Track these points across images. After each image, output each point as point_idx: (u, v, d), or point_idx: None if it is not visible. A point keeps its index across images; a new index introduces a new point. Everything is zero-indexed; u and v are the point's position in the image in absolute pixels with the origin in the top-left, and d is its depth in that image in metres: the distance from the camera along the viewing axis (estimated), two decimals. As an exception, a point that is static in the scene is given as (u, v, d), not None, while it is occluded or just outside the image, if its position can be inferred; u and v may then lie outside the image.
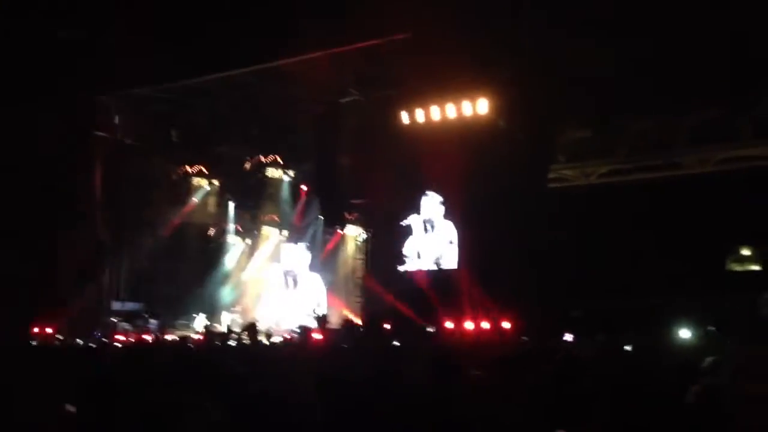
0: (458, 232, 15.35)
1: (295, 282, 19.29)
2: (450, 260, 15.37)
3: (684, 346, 8.68)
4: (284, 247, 19.75)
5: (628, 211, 13.85)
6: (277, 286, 19.47)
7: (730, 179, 13.90)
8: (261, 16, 14.08)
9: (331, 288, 18.84)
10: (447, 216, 15.62)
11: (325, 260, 19.22)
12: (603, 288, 12.79)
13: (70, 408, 3.58)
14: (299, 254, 19.35)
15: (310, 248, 19.33)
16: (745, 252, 13.97)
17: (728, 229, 13.13)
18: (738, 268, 13.88)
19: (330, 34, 13.92)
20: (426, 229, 15.79)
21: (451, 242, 15.45)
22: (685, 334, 9.36)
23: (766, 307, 11.57)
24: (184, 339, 12.92)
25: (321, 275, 19.08)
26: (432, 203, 15.81)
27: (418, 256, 15.78)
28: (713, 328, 9.74)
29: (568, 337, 9.76)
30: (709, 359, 5.27)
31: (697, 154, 14.78)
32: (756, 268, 13.72)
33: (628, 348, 7.41)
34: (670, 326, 9.38)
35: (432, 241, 15.71)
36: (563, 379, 4.29)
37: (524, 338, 10.29)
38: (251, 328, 9.93)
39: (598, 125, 15.45)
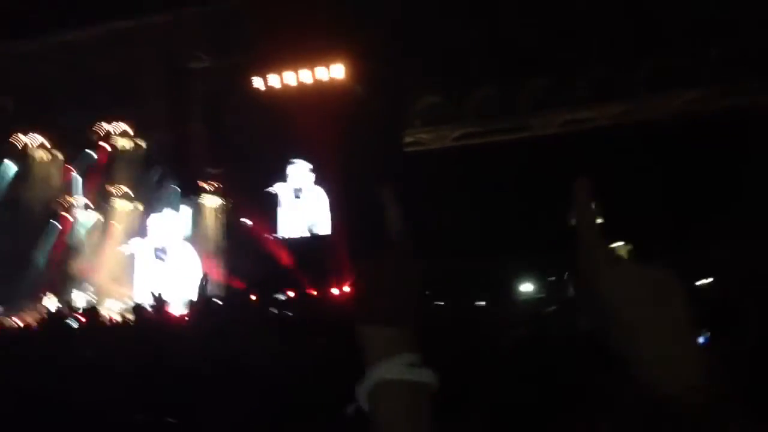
0: (330, 198, 15.24)
1: (165, 255, 18.44)
2: (324, 227, 15.28)
3: (527, 300, 9.13)
4: (152, 220, 18.76)
5: (479, 173, 14.32)
6: (144, 261, 18.55)
7: (574, 139, 14.70)
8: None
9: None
10: (318, 183, 15.49)
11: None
12: (451, 248, 13.20)
13: None
14: (169, 226, 18.47)
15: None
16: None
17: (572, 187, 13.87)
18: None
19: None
20: (297, 197, 15.61)
21: (322, 209, 15.36)
22: (527, 288, 9.83)
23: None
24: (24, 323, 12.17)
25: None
26: (300, 171, 15.63)
27: (289, 225, 15.58)
28: (553, 278, 10.31)
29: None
30: (550, 308, 5.52)
31: (541, 118, 15.51)
32: (598, 221, 14.58)
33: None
34: (511, 282, 9.78)
35: (303, 208, 15.55)
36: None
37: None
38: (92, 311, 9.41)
39: (448, 92, 15.88)
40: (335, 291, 13.07)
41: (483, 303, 7.94)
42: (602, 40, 13.77)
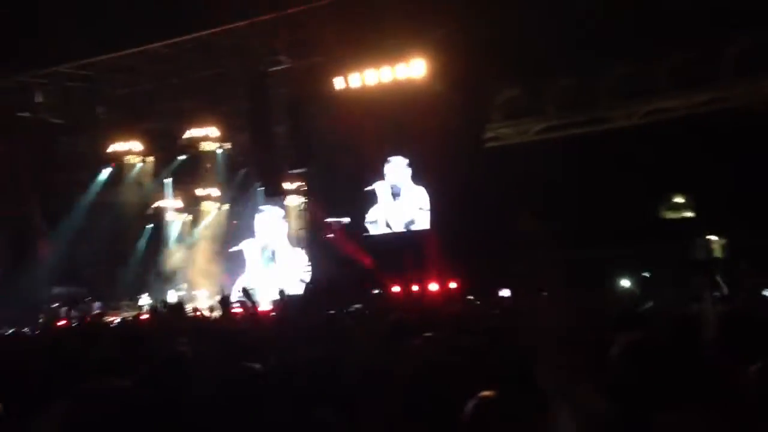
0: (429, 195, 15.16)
1: (273, 257, 18.94)
2: (421, 223, 15.26)
3: (625, 296, 8.92)
4: (258, 219, 19.25)
5: (562, 166, 14.09)
6: (252, 259, 19.07)
7: (658, 130, 14.26)
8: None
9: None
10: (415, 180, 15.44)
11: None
12: (543, 242, 13.03)
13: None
14: (275, 224, 18.89)
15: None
16: (678, 199, 14.40)
17: (660, 179, 13.51)
18: (672, 215, 14.32)
19: (251, 2, 13.65)
20: (394, 194, 15.46)
21: (421, 208, 15.24)
22: (625, 283, 9.62)
23: (700, 250, 12.07)
24: (130, 319, 12.74)
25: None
26: (397, 168, 15.57)
27: (387, 224, 15.56)
28: (647, 275, 10.06)
29: (505, 292, 9.92)
30: (646, 306, 5.41)
31: (623, 109, 15.11)
32: (689, 214, 14.16)
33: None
34: (610, 277, 9.59)
35: (401, 206, 15.51)
36: (500, 334, 4.34)
37: (470, 297, 10.42)
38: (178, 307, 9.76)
39: (526, 84, 15.64)
40: (434, 287, 13.02)
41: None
42: (682, 23, 13.20)
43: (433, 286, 12.97)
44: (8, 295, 16.82)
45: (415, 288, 13.03)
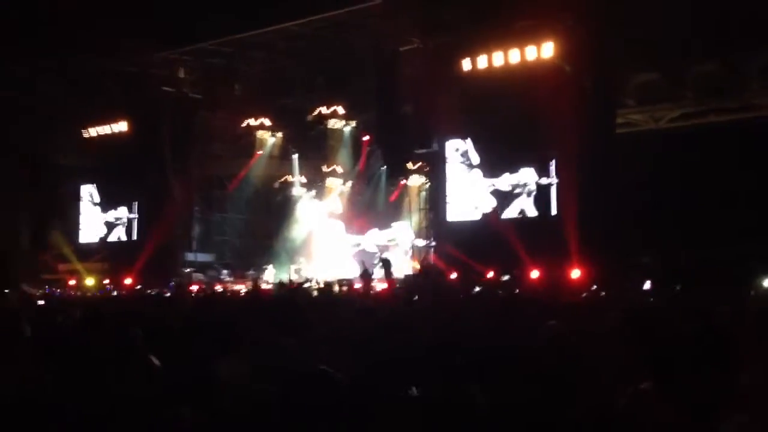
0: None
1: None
2: (531, 209, 14.91)
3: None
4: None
5: (702, 156, 13.39)
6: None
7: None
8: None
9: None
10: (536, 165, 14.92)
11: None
12: (677, 236, 12.54)
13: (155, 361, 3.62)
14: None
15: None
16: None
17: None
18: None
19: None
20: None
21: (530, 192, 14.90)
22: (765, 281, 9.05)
23: None
24: (255, 288, 13.41)
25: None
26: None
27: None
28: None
29: (647, 285, 9.57)
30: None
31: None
32: None
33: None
34: (753, 277, 9.03)
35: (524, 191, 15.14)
36: (636, 329, 4.24)
37: (595, 287, 10.16)
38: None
39: (665, 68, 14.90)
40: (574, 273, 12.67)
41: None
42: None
43: (575, 273, 12.56)
44: (146, 258, 18.06)
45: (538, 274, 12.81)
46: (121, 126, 19.28)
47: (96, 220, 21.11)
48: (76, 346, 4.15)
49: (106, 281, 17.84)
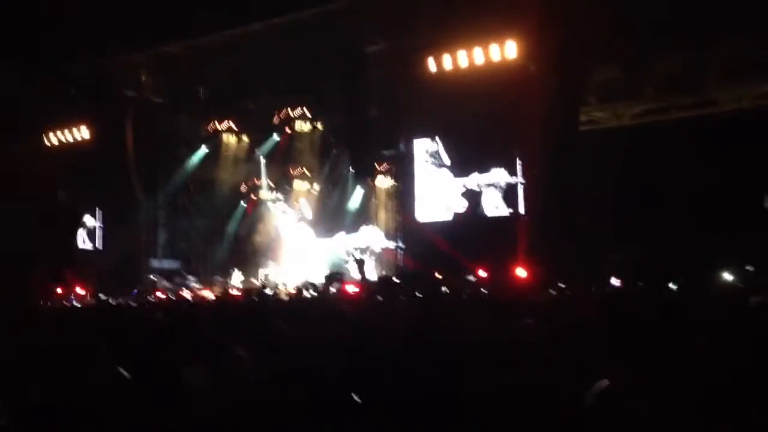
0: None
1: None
2: (503, 208, 14.91)
3: (728, 288, 8.57)
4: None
5: (661, 152, 13.62)
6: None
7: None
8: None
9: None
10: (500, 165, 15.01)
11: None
12: (640, 231, 12.70)
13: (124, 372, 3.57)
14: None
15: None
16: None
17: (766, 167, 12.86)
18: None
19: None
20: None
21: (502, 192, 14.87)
22: (728, 276, 9.26)
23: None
24: (224, 296, 13.28)
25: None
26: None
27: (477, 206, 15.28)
28: (751, 268, 9.64)
29: (615, 281, 9.69)
30: (755, 299, 5.19)
31: (731, 90, 14.39)
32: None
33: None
34: (712, 268, 9.23)
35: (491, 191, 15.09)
36: (612, 322, 4.28)
37: (561, 285, 10.23)
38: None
39: (626, 65, 15.09)
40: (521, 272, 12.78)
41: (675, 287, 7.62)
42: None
43: (521, 272, 12.73)
44: (109, 266, 17.76)
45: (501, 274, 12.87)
46: (83, 132, 18.93)
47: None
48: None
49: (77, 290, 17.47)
